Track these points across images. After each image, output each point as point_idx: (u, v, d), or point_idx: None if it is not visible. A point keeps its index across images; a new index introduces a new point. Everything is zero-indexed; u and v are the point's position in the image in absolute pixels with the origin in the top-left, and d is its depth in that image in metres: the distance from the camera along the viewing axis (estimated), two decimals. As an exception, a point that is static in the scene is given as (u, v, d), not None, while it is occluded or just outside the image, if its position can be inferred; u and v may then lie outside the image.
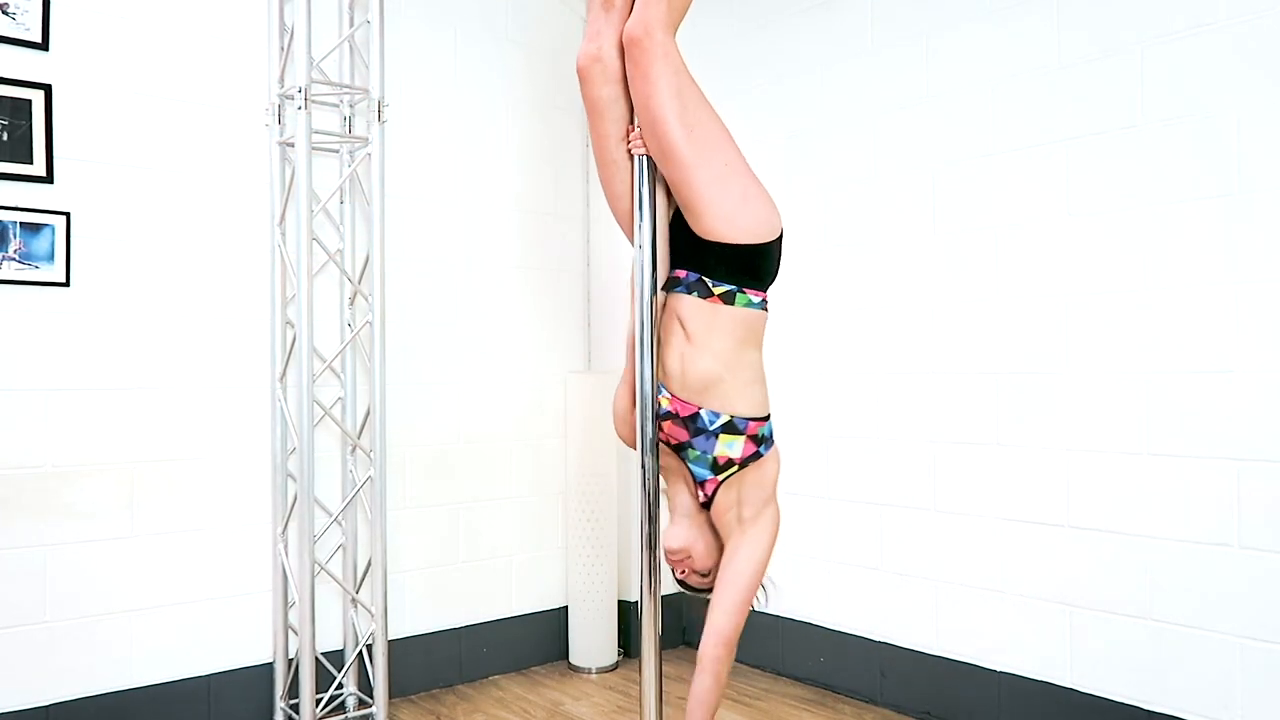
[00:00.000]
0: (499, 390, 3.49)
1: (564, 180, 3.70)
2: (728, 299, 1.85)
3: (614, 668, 3.53)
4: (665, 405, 1.88)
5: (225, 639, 2.87)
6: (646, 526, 1.88)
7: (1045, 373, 2.70)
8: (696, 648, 3.66)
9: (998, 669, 2.81)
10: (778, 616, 3.41)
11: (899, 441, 3.06)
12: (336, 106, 3.03)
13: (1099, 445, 2.59)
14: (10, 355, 2.55)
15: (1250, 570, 2.32)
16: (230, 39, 2.90)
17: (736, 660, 3.54)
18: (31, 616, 2.57)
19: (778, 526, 1.92)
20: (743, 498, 1.87)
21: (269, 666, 2.93)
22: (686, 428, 1.87)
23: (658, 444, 1.89)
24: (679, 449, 1.89)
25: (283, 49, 2.87)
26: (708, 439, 1.85)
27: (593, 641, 3.50)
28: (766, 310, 1.90)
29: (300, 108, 2.67)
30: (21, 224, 2.55)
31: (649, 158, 1.89)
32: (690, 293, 1.87)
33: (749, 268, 1.86)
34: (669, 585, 1.96)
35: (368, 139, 2.93)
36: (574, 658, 3.54)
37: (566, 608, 3.61)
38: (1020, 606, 2.76)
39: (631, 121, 1.93)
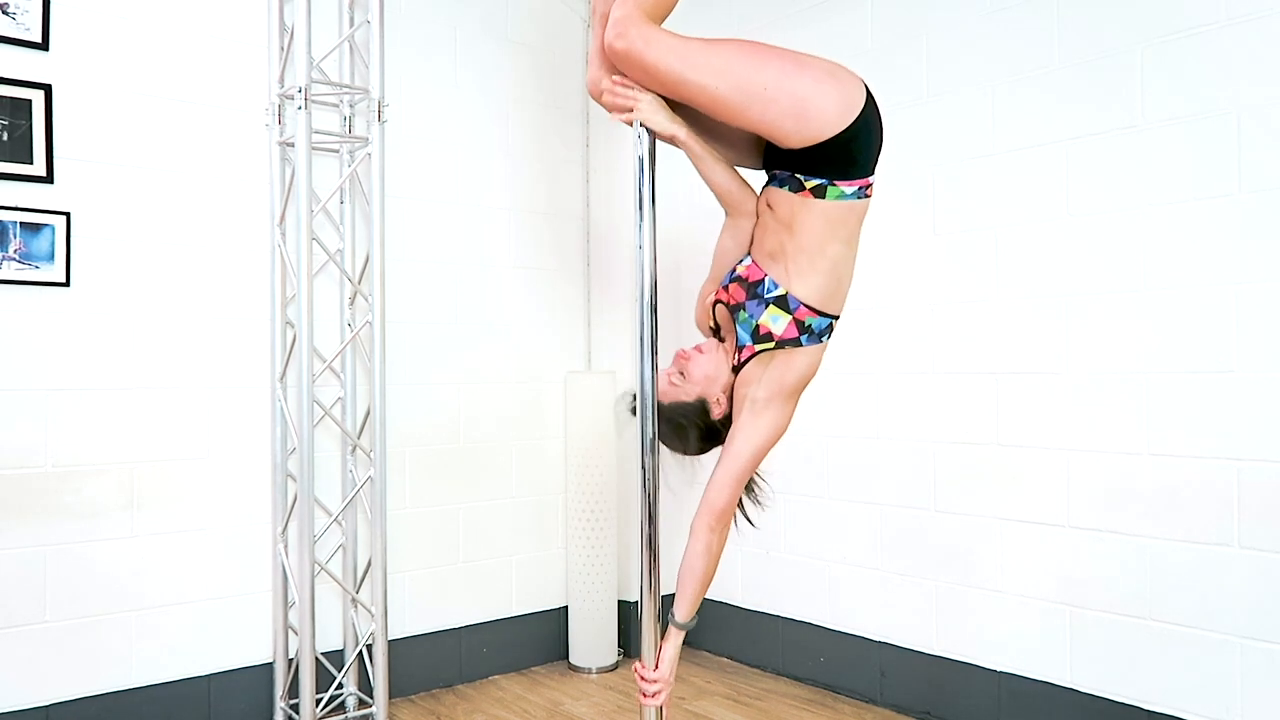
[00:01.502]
0: (499, 390, 3.49)
1: (564, 180, 3.70)
2: (819, 193, 1.86)
3: (614, 668, 3.53)
4: (739, 270, 1.94)
5: (225, 639, 2.87)
6: (646, 526, 1.88)
7: (1045, 373, 2.70)
8: (695, 647, 3.68)
9: (998, 669, 2.81)
10: (778, 616, 3.41)
11: (899, 441, 3.06)
12: (336, 106, 3.03)
13: (1099, 445, 2.59)
14: (10, 355, 2.55)
15: (1250, 570, 2.32)
16: (230, 39, 2.90)
17: (736, 660, 3.56)
18: (31, 616, 2.57)
19: (784, 424, 1.94)
20: (765, 377, 1.90)
21: (269, 666, 2.93)
22: (746, 291, 1.91)
23: (657, 444, 1.89)
24: (734, 310, 1.94)
25: (283, 49, 2.88)
26: (759, 305, 1.89)
27: (593, 641, 3.50)
28: (866, 198, 1.90)
29: (300, 108, 2.67)
30: (21, 224, 2.55)
31: (651, 151, 1.90)
32: (783, 186, 1.88)
33: (833, 161, 1.85)
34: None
35: (368, 139, 2.93)
36: (574, 658, 3.54)
37: (566, 608, 3.61)
38: (1020, 606, 2.76)
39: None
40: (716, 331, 2.04)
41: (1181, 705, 2.43)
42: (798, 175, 1.87)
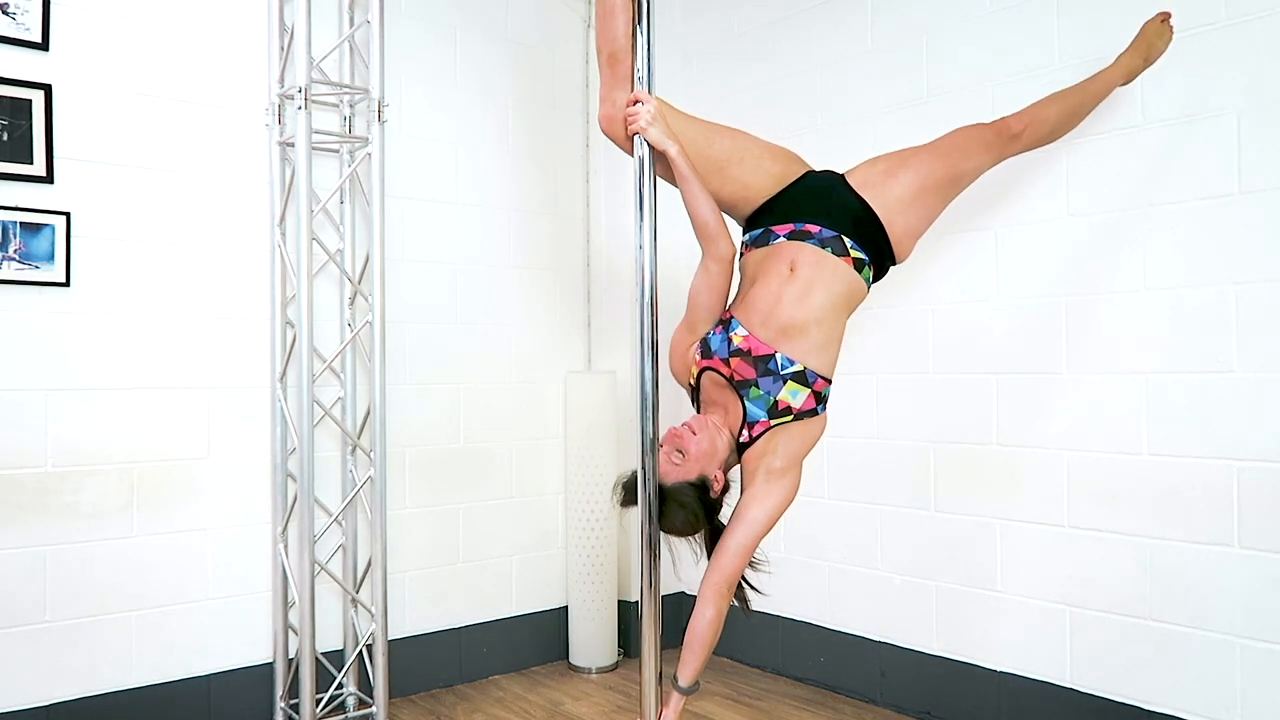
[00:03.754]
0: (499, 390, 3.49)
1: (564, 180, 3.70)
2: (858, 266, 1.98)
3: (614, 668, 3.53)
4: (737, 343, 1.93)
5: (225, 639, 2.87)
6: (646, 526, 1.88)
7: (1045, 373, 2.70)
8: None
9: (998, 669, 2.81)
10: (778, 616, 3.41)
11: (899, 441, 3.06)
12: (336, 106, 3.03)
13: (1099, 445, 2.59)
14: (10, 355, 2.55)
15: (1250, 570, 2.32)
16: (230, 39, 2.90)
17: (736, 660, 3.56)
18: (31, 616, 2.57)
19: (795, 491, 1.97)
20: (781, 449, 1.93)
21: (269, 666, 2.93)
22: (756, 367, 1.91)
23: (656, 444, 1.89)
24: (740, 385, 1.93)
25: (283, 49, 2.88)
26: (775, 381, 1.90)
27: (593, 641, 3.50)
28: (865, 294, 2.06)
29: (300, 108, 2.67)
30: (21, 224, 2.55)
31: (652, 154, 1.90)
32: (824, 247, 1.96)
33: (881, 260, 2.04)
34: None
35: (368, 139, 2.93)
36: (574, 658, 3.54)
37: (566, 608, 3.61)
38: (1020, 606, 2.76)
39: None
40: (695, 391, 2.03)
41: (1181, 705, 2.43)
42: (845, 239, 1.95)
